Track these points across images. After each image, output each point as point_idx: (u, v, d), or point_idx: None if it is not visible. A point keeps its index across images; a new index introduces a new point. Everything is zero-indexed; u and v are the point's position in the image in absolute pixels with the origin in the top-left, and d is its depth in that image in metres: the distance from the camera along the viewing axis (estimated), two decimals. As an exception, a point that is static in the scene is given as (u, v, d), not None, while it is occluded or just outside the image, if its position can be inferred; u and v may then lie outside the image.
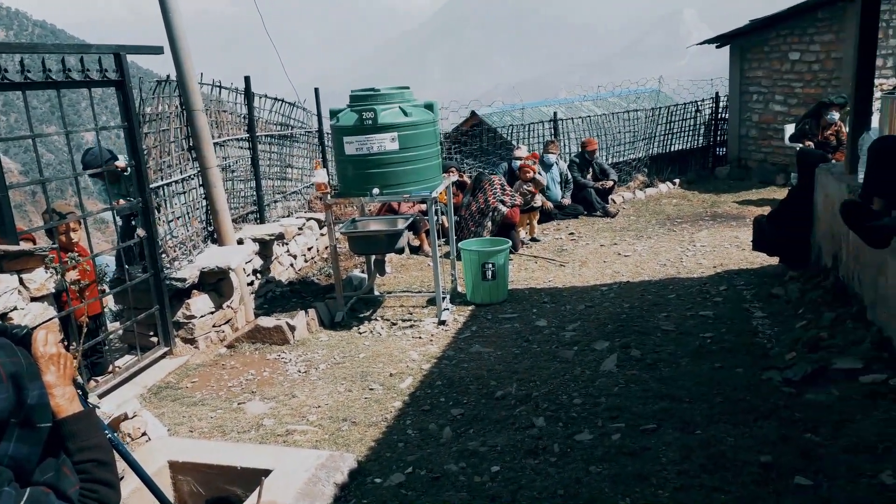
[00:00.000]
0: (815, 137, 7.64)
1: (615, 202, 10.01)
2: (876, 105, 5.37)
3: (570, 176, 9.63)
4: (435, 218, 5.75)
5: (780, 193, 8.46)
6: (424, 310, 5.93)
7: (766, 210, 6.19)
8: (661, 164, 11.68)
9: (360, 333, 5.46)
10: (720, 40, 11.37)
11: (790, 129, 9.29)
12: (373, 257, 6.23)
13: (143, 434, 3.53)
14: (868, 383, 3.43)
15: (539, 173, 8.73)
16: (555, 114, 11.16)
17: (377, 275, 6.39)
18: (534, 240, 8.35)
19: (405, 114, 5.42)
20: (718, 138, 12.04)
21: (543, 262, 7.37)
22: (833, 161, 5.65)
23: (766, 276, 5.73)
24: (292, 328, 5.23)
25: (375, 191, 5.39)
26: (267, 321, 5.28)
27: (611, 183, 9.84)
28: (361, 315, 5.88)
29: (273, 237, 6.38)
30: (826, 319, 4.30)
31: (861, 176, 4.41)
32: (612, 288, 6.14)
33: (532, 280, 6.71)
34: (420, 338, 5.25)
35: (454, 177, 8.26)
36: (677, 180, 11.23)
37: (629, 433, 3.34)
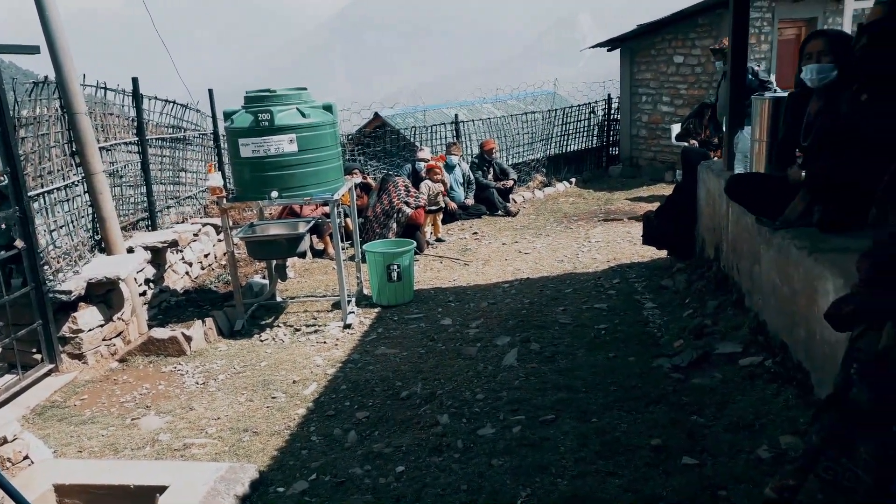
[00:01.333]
0: (699, 136, 8.11)
1: (516, 202, 10.25)
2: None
3: (472, 177, 9.79)
4: (338, 220, 5.70)
5: (669, 190, 8.89)
6: (329, 314, 5.86)
7: (656, 206, 6.52)
8: (559, 164, 12.07)
9: (262, 341, 5.33)
10: (611, 44, 11.87)
11: (676, 128, 9.82)
12: (273, 262, 6.10)
13: (25, 458, 3.31)
14: (746, 365, 3.68)
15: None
16: (456, 116, 11.31)
17: (279, 280, 6.26)
18: (439, 240, 8.42)
19: (303, 115, 5.34)
20: (611, 138, 12.57)
21: (448, 261, 7.45)
22: (714, 158, 6.01)
23: (656, 269, 6.03)
24: (189, 338, 5.04)
25: (274, 194, 5.29)
26: (161, 332, 5.06)
27: (511, 182, 10.08)
28: (263, 322, 5.74)
29: (166, 244, 6.13)
30: (709, 308, 4.58)
31: (737, 170, 4.74)
32: (513, 285, 6.28)
33: (437, 280, 6.78)
34: (325, 342, 5.18)
35: (357, 178, 8.22)
36: (574, 179, 11.64)
37: (529, 425, 3.43)
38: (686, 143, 8.11)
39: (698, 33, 10.49)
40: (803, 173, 3.45)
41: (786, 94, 4.07)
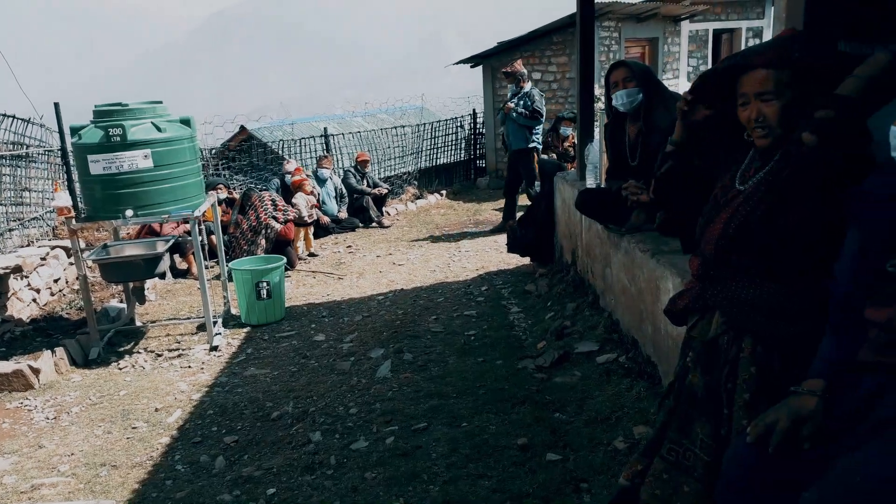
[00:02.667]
0: (557, 149, 8.56)
1: (389, 214, 10.32)
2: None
3: (344, 190, 9.75)
4: (200, 238, 5.49)
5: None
6: (194, 337, 5.62)
7: (520, 215, 6.82)
8: (430, 177, 12.30)
9: (121, 369, 5.02)
10: (473, 60, 12.25)
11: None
12: (131, 285, 5.77)
13: None
14: (603, 362, 3.92)
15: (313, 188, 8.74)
16: (325, 129, 11.23)
17: (137, 304, 5.92)
18: (311, 255, 8.31)
19: (159, 129, 5.11)
20: (478, 151, 12.97)
21: (322, 276, 7.37)
22: (569, 169, 6.37)
23: (521, 275, 6.29)
24: (36, 371, 4.66)
25: (129, 212, 5.01)
26: (4, 366, 4.64)
27: (385, 190, 10.19)
28: (122, 349, 5.41)
29: (8, 270, 5.64)
30: (569, 309, 4.84)
31: (589, 182, 5.05)
32: (387, 297, 6.32)
33: (311, 295, 6.68)
34: (189, 367, 4.97)
35: (222, 194, 7.96)
36: (444, 191, 11.90)
37: (402, 435, 3.47)
38: (546, 156, 8.53)
39: (553, 51, 11.07)
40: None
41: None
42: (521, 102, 7.95)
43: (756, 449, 1.70)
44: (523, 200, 10.51)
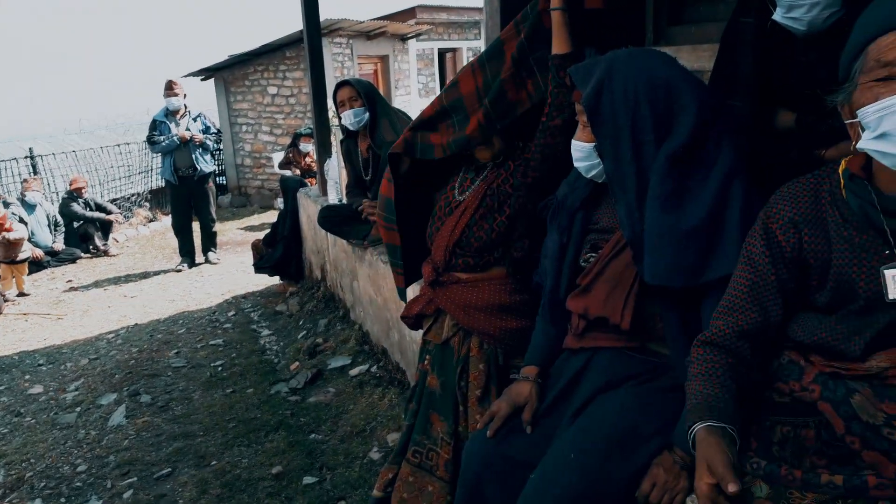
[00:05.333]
0: (300, 165, 8.46)
1: (117, 241, 9.37)
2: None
3: (59, 218, 8.64)
4: None
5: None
6: None
7: (266, 233, 6.62)
8: (164, 198, 11.40)
9: None
10: (204, 73, 11.66)
11: (278, 156, 10.10)
12: None
13: None
14: (356, 375, 3.95)
15: (21, 219, 7.60)
16: (31, 149, 9.84)
17: None
18: (22, 294, 7.23)
19: None
20: (218, 168, 12.36)
21: (37, 318, 6.44)
22: (310, 186, 6.34)
23: (271, 296, 6.11)
24: None
25: None
26: None
27: (118, 216, 9.23)
28: None
29: None
30: (321, 326, 4.81)
31: (331, 197, 5.07)
32: (119, 334, 5.72)
33: (23, 342, 5.79)
34: None
35: None
36: (182, 212, 11.12)
37: (143, 485, 3.15)
38: (288, 172, 8.39)
39: (287, 65, 10.97)
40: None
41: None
42: (203, 125, 7.52)
43: (487, 438, 1.83)
44: (270, 218, 10.27)
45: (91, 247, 8.76)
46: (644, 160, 1.59)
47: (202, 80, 11.83)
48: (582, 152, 1.74)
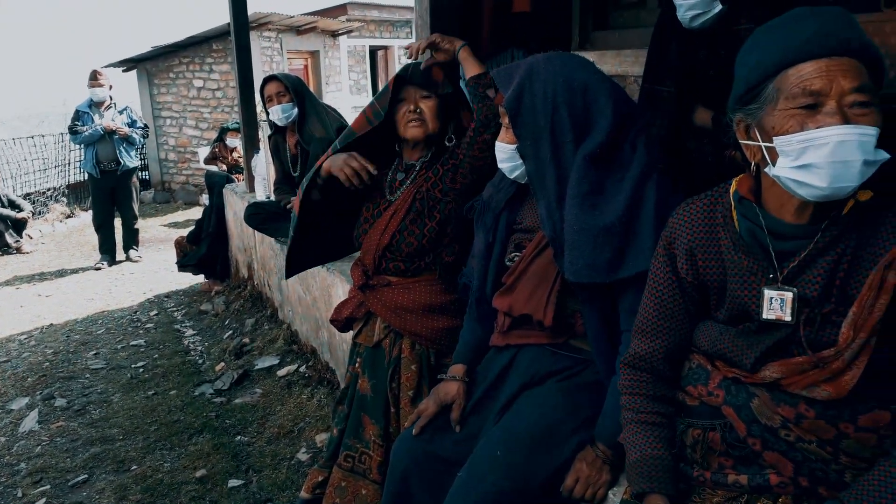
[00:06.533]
0: (227, 160, 8.24)
1: (31, 237, 8.90)
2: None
3: (-36, 213, 8.15)
4: None
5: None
6: None
7: (190, 230, 6.43)
8: (83, 192, 10.90)
9: None
10: (125, 64, 11.22)
11: (204, 151, 9.81)
12: None
13: None
14: (284, 375, 3.90)
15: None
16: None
17: None
18: (-78, 295, 6.77)
19: None
20: (142, 162, 11.91)
21: (-62, 320, 6.05)
22: (236, 181, 6.20)
23: (195, 294, 5.94)
24: None
25: None
26: None
27: (26, 213, 8.74)
28: None
29: None
30: (248, 326, 4.71)
31: (258, 194, 4.97)
32: (32, 335, 5.44)
33: (-77, 345, 5.43)
34: None
35: None
36: (102, 208, 10.65)
37: (56, 493, 3.01)
38: (215, 167, 8.16)
39: (214, 58, 10.68)
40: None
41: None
42: (130, 118, 7.22)
43: (414, 437, 1.84)
44: (195, 214, 9.98)
45: (1, 244, 8.30)
46: (563, 161, 1.64)
47: (124, 71, 11.37)
48: (505, 153, 1.77)
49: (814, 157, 1.13)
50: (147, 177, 11.86)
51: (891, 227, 1.19)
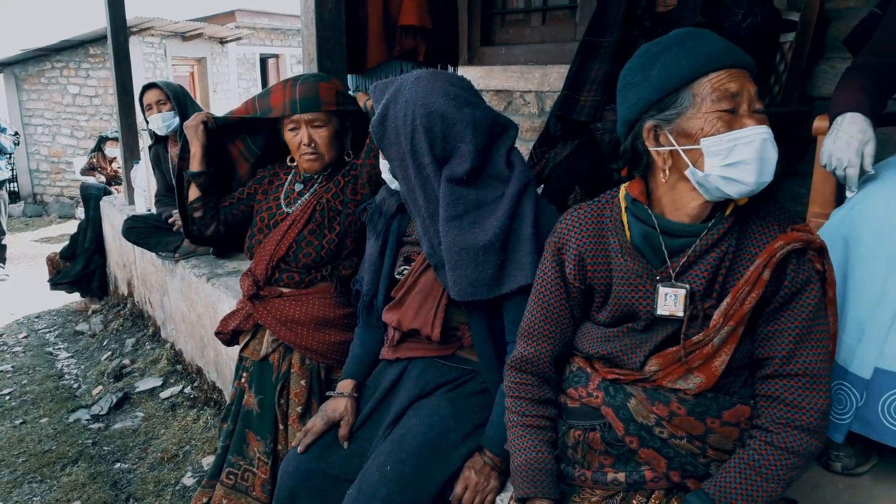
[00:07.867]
0: (105, 171, 7.78)
1: None
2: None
3: None
4: None
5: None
6: None
7: (64, 245, 6.01)
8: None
9: None
10: (-11, 67, 10.40)
11: (80, 161, 9.22)
12: None
13: None
14: (168, 397, 3.71)
15: None
16: None
17: None
18: None
19: None
20: (12, 173, 11.03)
21: None
22: (116, 193, 5.87)
23: (70, 314, 5.56)
24: None
25: None
26: None
27: None
28: None
29: None
30: (128, 346, 4.46)
31: (139, 207, 4.72)
32: None
33: None
34: None
35: None
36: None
37: None
38: (93, 178, 7.68)
39: (91, 63, 10.10)
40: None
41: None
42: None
43: (301, 455, 1.80)
44: (71, 228, 9.37)
45: None
46: (428, 183, 1.65)
47: (-13, 74, 10.53)
48: (384, 170, 1.79)
49: (743, 154, 1.21)
50: (16, 188, 11.01)
51: (763, 227, 1.30)
